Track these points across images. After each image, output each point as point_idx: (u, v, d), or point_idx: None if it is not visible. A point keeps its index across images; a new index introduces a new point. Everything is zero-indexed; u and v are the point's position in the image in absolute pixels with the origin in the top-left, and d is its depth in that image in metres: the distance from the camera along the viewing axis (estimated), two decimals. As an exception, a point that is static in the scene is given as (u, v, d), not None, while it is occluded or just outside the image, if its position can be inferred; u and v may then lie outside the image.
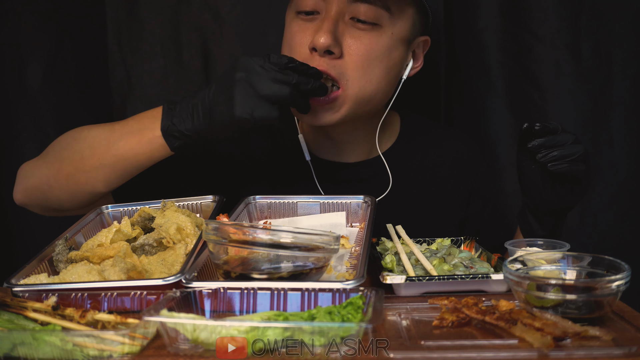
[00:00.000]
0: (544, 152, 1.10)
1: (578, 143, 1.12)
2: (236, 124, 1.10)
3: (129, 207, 1.26)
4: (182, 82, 1.77)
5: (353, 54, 1.22)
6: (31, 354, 0.78)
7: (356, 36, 1.23)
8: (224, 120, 1.11)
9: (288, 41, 1.28)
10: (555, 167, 1.10)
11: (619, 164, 1.66)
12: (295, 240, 0.92)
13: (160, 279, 0.91)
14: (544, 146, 1.10)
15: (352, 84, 1.23)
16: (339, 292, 0.87)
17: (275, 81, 1.08)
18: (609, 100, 1.65)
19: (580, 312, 0.85)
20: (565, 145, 1.11)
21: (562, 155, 1.10)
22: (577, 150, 1.11)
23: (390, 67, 1.27)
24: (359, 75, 1.23)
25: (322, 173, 1.39)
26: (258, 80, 1.08)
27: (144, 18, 1.75)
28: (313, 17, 1.25)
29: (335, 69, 1.22)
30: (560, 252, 0.98)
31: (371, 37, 1.23)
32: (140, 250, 1.07)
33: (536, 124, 1.10)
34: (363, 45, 1.22)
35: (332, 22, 1.21)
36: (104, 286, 0.92)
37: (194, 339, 0.78)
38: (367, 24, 1.22)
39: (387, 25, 1.24)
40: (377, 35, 1.23)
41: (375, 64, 1.24)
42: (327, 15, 1.22)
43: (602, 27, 1.63)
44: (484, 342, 0.80)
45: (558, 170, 1.11)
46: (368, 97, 1.27)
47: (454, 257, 1.11)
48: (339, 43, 1.21)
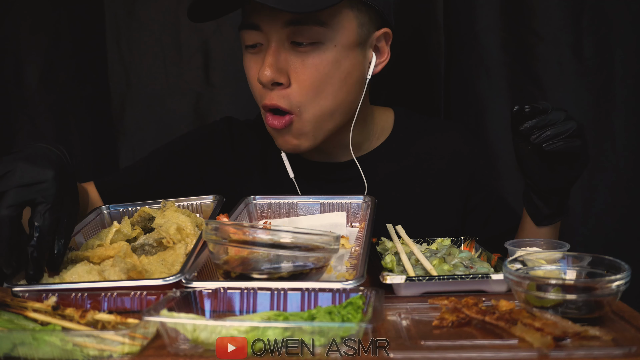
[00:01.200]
0: (536, 133, 1.09)
1: (571, 119, 1.10)
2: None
3: (129, 207, 1.26)
4: (182, 82, 1.77)
5: (300, 79, 1.20)
6: (31, 354, 0.78)
7: (299, 61, 1.20)
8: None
9: (247, 75, 1.28)
10: (550, 146, 1.09)
11: (621, 163, 1.66)
12: (295, 240, 0.92)
13: (160, 279, 0.91)
14: (536, 127, 1.08)
15: (306, 109, 1.22)
16: (339, 292, 0.87)
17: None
18: (611, 99, 1.65)
19: (580, 312, 0.85)
20: (558, 123, 1.08)
21: (556, 134, 1.08)
22: (570, 127, 1.09)
23: (344, 79, 1.24)
24: (311, 99, 1.22)
25: (312, 176, 1.38)
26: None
27: (143, 17, 1.75)
28: (258, 50, 1.24)
29: (285, 100, 1.21)
30: (560, 252, 0.98)
31: (314, 57, 1.20)
32: (140, 250, 1.07)
33: (525, 106, 1.08)
34: (308, 69, 1.20)
35: (273, 54, 1.19)
36: (104, 286, 0.92)
37: (194, 339, 0.78)
38: (307, 45, 1.20)
39: (327, 39, 1.19)
40: (320, 54, 1.20)
41: (325, 80, 1.22)
42: (268, 47, 1.20)
43: (604, 25, 1.63)
44: (484, 342, 0.80)
45: (554, 150, 1.09)
46: (328, 114, 1.25)
47: (454, 257, 1.11)
48: (284, 72, 1.20)
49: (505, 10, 1.67)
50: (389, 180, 1.39)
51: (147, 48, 1.76)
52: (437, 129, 1.49)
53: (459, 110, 1.74)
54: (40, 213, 0.91)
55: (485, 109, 1.71)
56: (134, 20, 1.75)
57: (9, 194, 0.91)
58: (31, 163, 0.93)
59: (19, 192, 0.91)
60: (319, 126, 1.26)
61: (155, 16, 1.75)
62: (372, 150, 1.41)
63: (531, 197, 1.23)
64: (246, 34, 1.24)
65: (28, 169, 0.93)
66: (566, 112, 1.11)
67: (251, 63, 1.25)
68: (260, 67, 1.20)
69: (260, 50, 1.23)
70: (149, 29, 1.76)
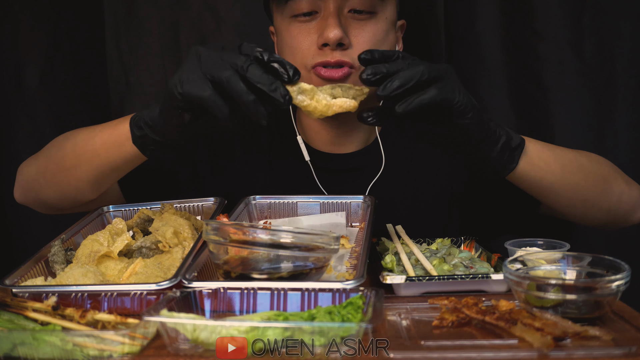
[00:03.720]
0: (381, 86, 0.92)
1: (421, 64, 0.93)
2: (169, 95, 0.96)
3: (129, 207, 1.26)
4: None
5: (361, 42, 1.26)
6: (31, 354, 0.78)
7: (359, 27, 1.27)
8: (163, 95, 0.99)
9: (289, 44, 1.29)
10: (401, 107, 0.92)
11: (623, 163, 1.65)
12: (295, 240, 0.92)
13: (154, 284, 0.91)
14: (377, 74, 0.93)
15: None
16: (339, 292, 0.87)
17: (222, 59, 0.92)
18: (612, 98, 1.64)
19: (580, 312, 0.85)
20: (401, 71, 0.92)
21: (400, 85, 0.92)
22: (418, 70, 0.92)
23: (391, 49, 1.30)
24: None
25: (322, 166, 1.40)
26: (207, 56, 0.93)
27: (142, 17, 1.75)
28: (311, 18, 1.28)
29: (348, 56, 1.25)
30: (560, 252, 0.98)
31: (371, 25, 1.28)
32: (137, 253, 1.07)
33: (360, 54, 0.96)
34: (367, 34, 1.27)
35: (336, 17, 1.25)
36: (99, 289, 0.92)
37: (194, 339, 0.78)
38: (365, 13, 1.27)
39: (381, 11, 1.29)
40: (375, 22, 1.28)
41: (379, 47, 1.28)
42: (328, 12, 1.25)
43: (605, 24, 1.63)
44: (484, 342, 0.80)
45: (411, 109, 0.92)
46: None
47: (454, 257, 1.11)
48: (347, 35, 1.25)
49: (505, 10, 1.66)
50: (394, 166, 1.41)
51: (147, 48, 1.76)
52: None
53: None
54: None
55: (486, 108, 1.71)
56: (133, 20, 1.75)
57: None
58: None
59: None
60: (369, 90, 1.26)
61: (155, 16, 1.75)
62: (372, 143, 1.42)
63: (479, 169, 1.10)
64: (298, 3, 1.27)
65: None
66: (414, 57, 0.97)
67: (301, 32, 1.28)
68: (317, 32, 1.25)
69: (313, 19, 1.28)
70: (148, 29, 1.75)
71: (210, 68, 0.92)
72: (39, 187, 1.27)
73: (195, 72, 0.93)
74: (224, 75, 0.90)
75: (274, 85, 0.91)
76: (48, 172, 1.24)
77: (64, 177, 1.22)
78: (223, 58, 0.92)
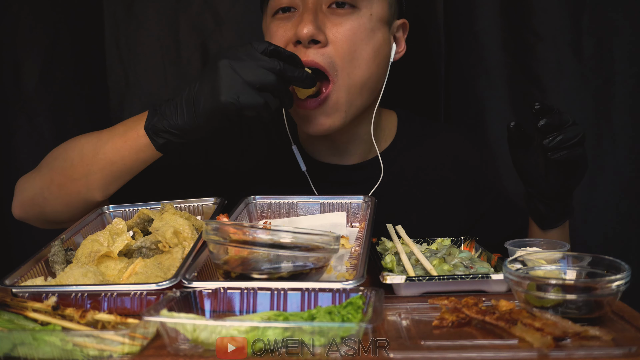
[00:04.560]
0: (550, 137, 1.08)
1: (577, 124, 1.10)
2: (221, 111, 1.08)
3: (129, 207, 1.26)
4: (181, 82, 1.77)
5: (337, 40, 1.23)
6: (31, 354, 0.78)
7: (337, 22, 1.24)
8: (209, 108, 1.09)
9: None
10: (555, 155, 1.08)
11: (622, 164, 1.66)
12: (295, 240, 0.92)
13: (154, 284, 0.91)
14: (552, 125, 1.07)
15: (342, 72, 1.24)
16: (339, 292, 0.87)
17: (260, 67, 1.07)
18: (611, 99, 1.65)
19: (580, 312, 0.85)
20: (567, 126, 1.08)
21: (565, 139, 1.08)
22: (579, 132, 1.09)
23: (377, 49, 1.28)
24: (348, 61, 1.24)
25: (320, 176, 1.39)
26: (243, 66, 1.06)
27: (142, 17, 1.75)
28: (290, 15, 1.26)
29: (324, 58, 1.22)
30: (560, 252, 0.98)
31: (352, 20, 1.24)
32: (137, 253, 1.07)
33: (535, 103, 1.08)
34: (345, 30, 1.23)
35: (312, 13, 1.22)
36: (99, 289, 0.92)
37: (194, 339, 0.78)
38: (347, 7, 1.24)
39: (364, 6, 1.25)
40: (356, 18, 1.25)
41: (360, 46, 1.25)
42: (305, 8, 1.23)
43: (604, 25, 1.63)
44: (484, 342, 0.80)
45: (559, 158, 1.09)
46: (360, 83, 1.26)
47: (454, 257, 1.11)
48: (322, 31, 1.22)
49: (505, 10, 1.67)
50: (394, 183, 1.39)
51: (146, 47, 1.76)
52: (440, 134, 1.49)
53: (459, 111, 1.74)
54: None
55: (485, 108, 1.71)
56: (133, 20, 1.75)
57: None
58: None
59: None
60: (351, 98, 1.26)
61: (154, 16, 1.75)
62: (380, 154, 1.41)
63: (534, 204, 1.23)
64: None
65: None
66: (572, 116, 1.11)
67: (279, 29, 1.26)
68: (294, 28, 1.23)
69: (292, 15, 1.26)
70: (148, 29, 1.75)
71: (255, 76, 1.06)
72: (43, 201, 1.26)
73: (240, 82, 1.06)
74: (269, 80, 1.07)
75: (304, 75, 1.12)
76: (54, 185, 1.24)
77: (74, 187, 1.22)
78: (260, 64, 1.07)
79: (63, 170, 1.23)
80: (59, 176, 1.24)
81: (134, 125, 1.17)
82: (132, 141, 1.17)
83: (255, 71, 1.06)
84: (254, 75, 1.06)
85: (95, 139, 1.23)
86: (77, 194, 1.23)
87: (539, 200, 1.22)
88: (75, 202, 1.24)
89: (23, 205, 1.29)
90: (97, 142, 1.21)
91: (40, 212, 1.28)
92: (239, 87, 1.06)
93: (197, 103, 1.10)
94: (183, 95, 1.13)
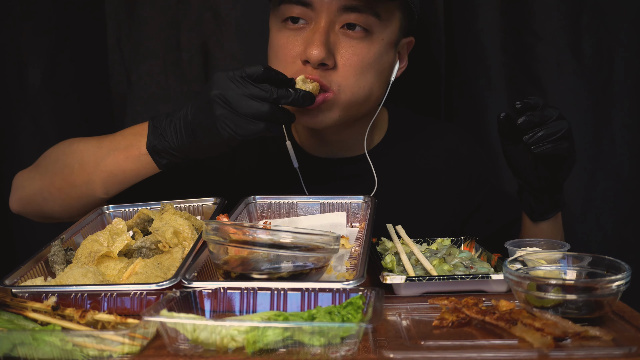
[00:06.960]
0: (530, 133, 1.08)
1: (562, 118, 1.10)
2: (223, 144, 1.10)
3: (129, 207, 1.26)
4: (182, 82, 1.77)
5: (346, 64, 1.21)
6: (31, 354, 0.78)
7: (348, 46, 1.21)
8: (209, 141, 1.10)
9: (276, 53, 1.26)
10: (539, 149, 1.09)
11: (621, 164, 1.66)
12: (295, 240, 0.92)
13: (153, 284, 0.91)
14: (532, 122, 1.08)
15: (345, 90, 1.23)
16: (339, 292, 0.87)
17: (252, 98, 1.05)
18: (610, 99, 1.65)
19: (580, 312, 0.85)
20: (550, 121, 1.09)
21: (547, 134, 1.08)
22: (562, 127, 1.09)
23: (381, 72, 1.28)
24: (352, 83, 1.23)
25: (313, 172, 1.39)
26: (235, 99, 1.05)
27: (143, 18, 1.75)
28: (301, 27, 1.23)
29: (327, 79, 1.21)
30: (560, 252, 0.98)
31: (363, 46, 1.22)
32: (137, 253, 1.07)
33: (517, 102, 1.09)
34: (356, 56, 1.21)
35: (324, 34, 1.19)
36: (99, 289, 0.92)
37: (194, 339, 0.78)
38: (359, 31, 1.21)
39: (377, 32, 1.23)
40: (369, 44, 1.22)
41: (367, 71, 1.24)
42: (318, 26, 1.20)
43: (603, 25, 1.63)
44: (484, 342, 0.80)
45: (542, 152, 1.09)
46: (361, 101, 1.27)
47: (454, 257, 1.11)
48: (332, 54, 1.20)
49: (505, 10, 1.67)
50: (386, 179, 1.39)
51: (148, 48, 1.76)
52: (431, 128, 1.49)
53: (459, 110, 1.74)
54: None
55: (485, 108, 1.71)
56: (135, 21, 1.75)
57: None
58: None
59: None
60: (349, 108, 1.26)
61: (156, 17, 1.75)
62: (372, 149, 1.41)
63: (524, 196, 1.25)
64: (290, 8, 1.22)
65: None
66: (558, 109, 1.11)
67: (288, 41, 1.23)
68: (304, 45, 1.20)
69: (303, 28, 1.22)
70: (150, 30, 1.75)
71: (249, 109, 1.05)
72: (42, 201, 1.27)
73: (234, 116, 1.06)
74: (263, 111, 1.05)
75: (299, 96, 1.11)
76: (54, 187, 1.25)
77: (74, 192, 1.24)
78: (253, 94, 1.05)
79: (63, 176, 1.24)
80: (59, 180, 1.24)
81: (136, 141, 1.18)
82: (134, 158, 1.18)
83: (249, 103, 1.05)
84: (248, 107, 1.05)
85: (94, 148, 1.23)
86: (78, 199, 1.25)
87: (529, 193, 1.23)
88: (75, 204, 1.26)
89: (21, 202, 1.31)
90: (97, 151, 1.22)
91: (39, 209, 1.29)
92: (235, 121, 1.06)
93: (196, 133, 1.11)
94: (181, 117, 1.13)
